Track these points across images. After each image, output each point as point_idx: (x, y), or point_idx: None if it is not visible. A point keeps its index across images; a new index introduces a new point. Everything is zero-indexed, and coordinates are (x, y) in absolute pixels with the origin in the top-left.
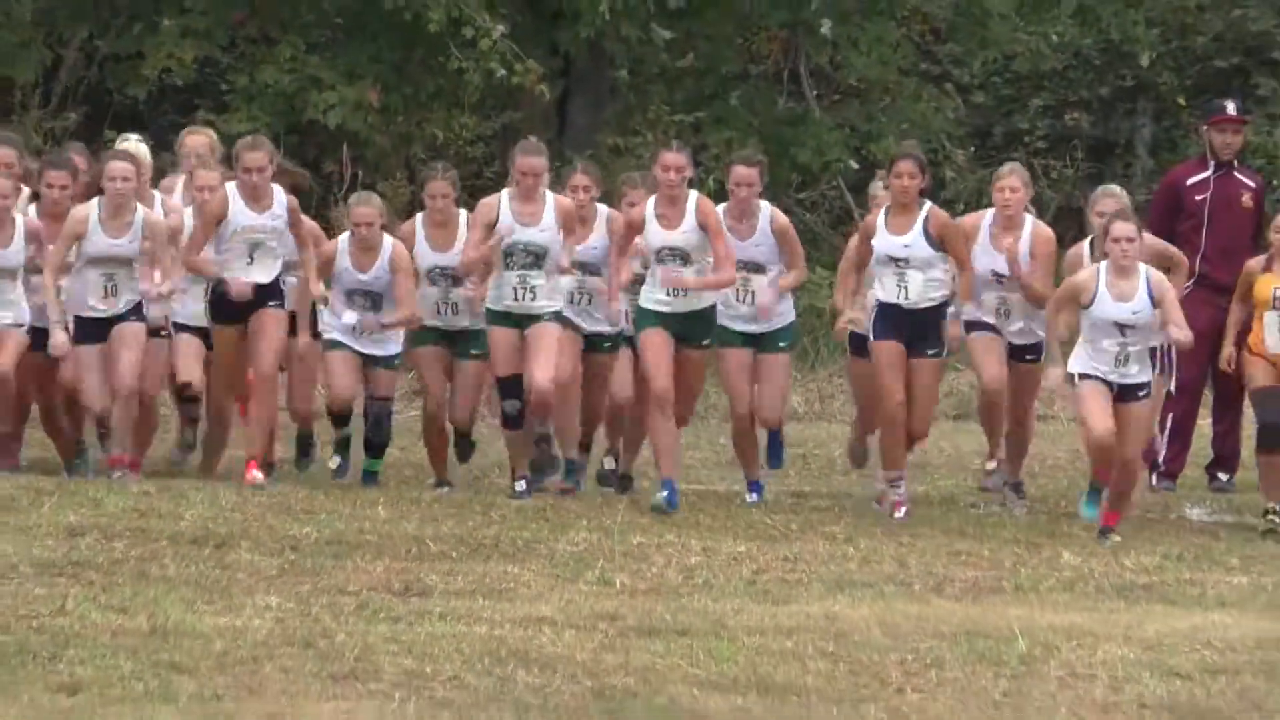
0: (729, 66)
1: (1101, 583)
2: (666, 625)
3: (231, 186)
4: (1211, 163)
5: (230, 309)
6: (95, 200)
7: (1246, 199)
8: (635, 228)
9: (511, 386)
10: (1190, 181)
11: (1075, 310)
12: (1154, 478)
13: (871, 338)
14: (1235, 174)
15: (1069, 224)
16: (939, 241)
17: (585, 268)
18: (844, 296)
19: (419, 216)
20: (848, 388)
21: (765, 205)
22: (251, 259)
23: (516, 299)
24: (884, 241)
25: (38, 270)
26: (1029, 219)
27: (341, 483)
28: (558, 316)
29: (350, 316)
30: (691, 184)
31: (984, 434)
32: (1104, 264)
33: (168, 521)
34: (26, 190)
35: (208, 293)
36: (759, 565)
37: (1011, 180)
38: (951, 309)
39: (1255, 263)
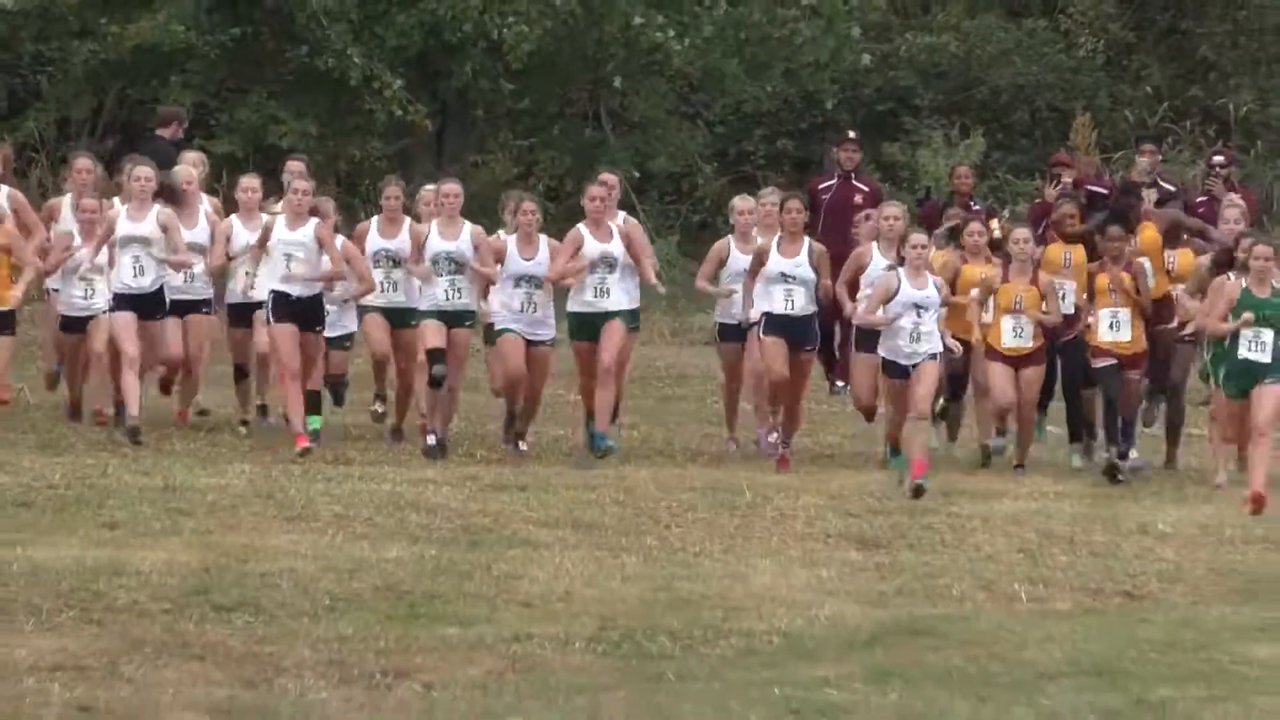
0: (552, 107)
1: (802, 454)
2: (511, 483)
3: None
4: (837, 173)
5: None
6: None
7: (859, 199)
8: (577, 243)
9: (439, 355)
10: (821, 186)
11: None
12: (837, 384)
13: (762, 335)
14: (854, 181)
15: None
16: (817, 264)
17: (533, 280)
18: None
19: (375, 219)
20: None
21: (620, 212)
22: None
23: (447, 299)
24: (777, 261)
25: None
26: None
27: None
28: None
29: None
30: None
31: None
32: (902, 268)
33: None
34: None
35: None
36: (573, 443)
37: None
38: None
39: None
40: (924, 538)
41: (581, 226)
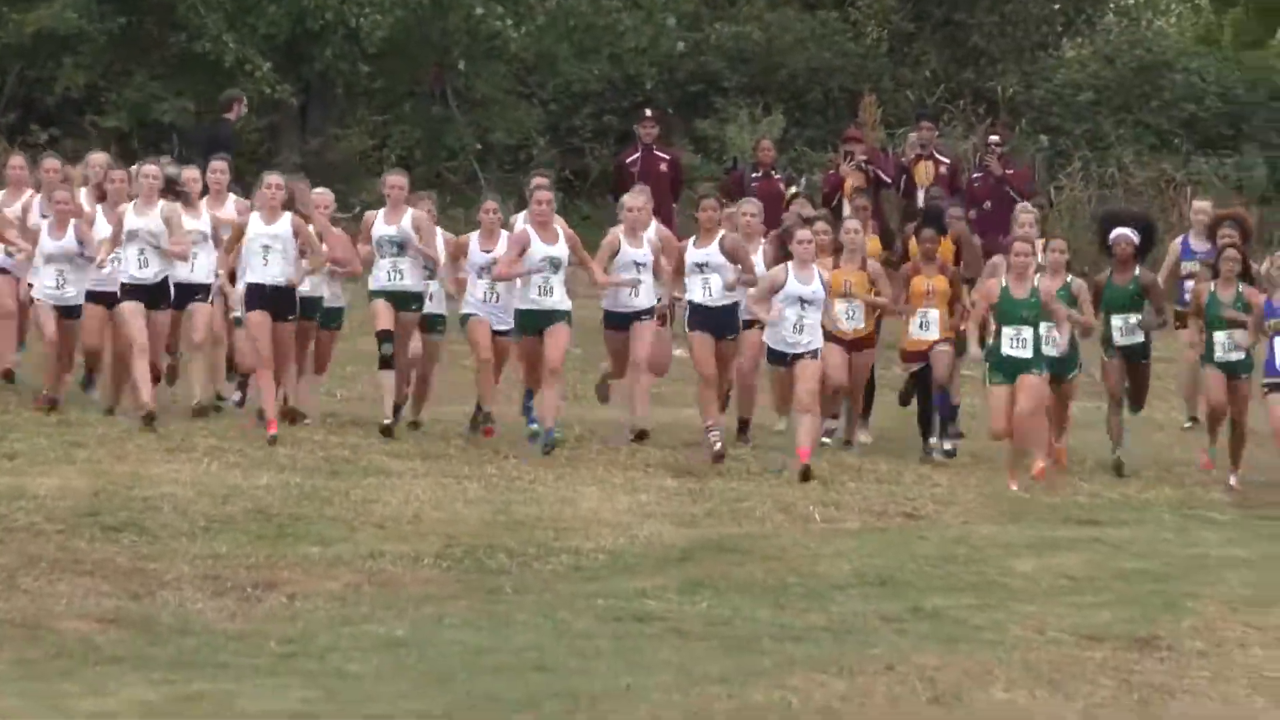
0: (403, 86)
1: (620, 391)
2: (368, 419)
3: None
4: (640, 145)
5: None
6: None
7: (663, 167)
8: (522, 243)
9: (386, 335)
10: (628, 160)
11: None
12: None
13: (687, 330)
14: (655, 152)
15: (605, 188)
16: (731, 255)
17: (489, 270)
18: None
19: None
20: None
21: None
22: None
23: (390, 280)
24: (692, 254)
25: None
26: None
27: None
28: (420, 302)
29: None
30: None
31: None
32: (791, 262)
33: (75, 372)
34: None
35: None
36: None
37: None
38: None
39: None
40: (731, 467)
41: (529, 229)
